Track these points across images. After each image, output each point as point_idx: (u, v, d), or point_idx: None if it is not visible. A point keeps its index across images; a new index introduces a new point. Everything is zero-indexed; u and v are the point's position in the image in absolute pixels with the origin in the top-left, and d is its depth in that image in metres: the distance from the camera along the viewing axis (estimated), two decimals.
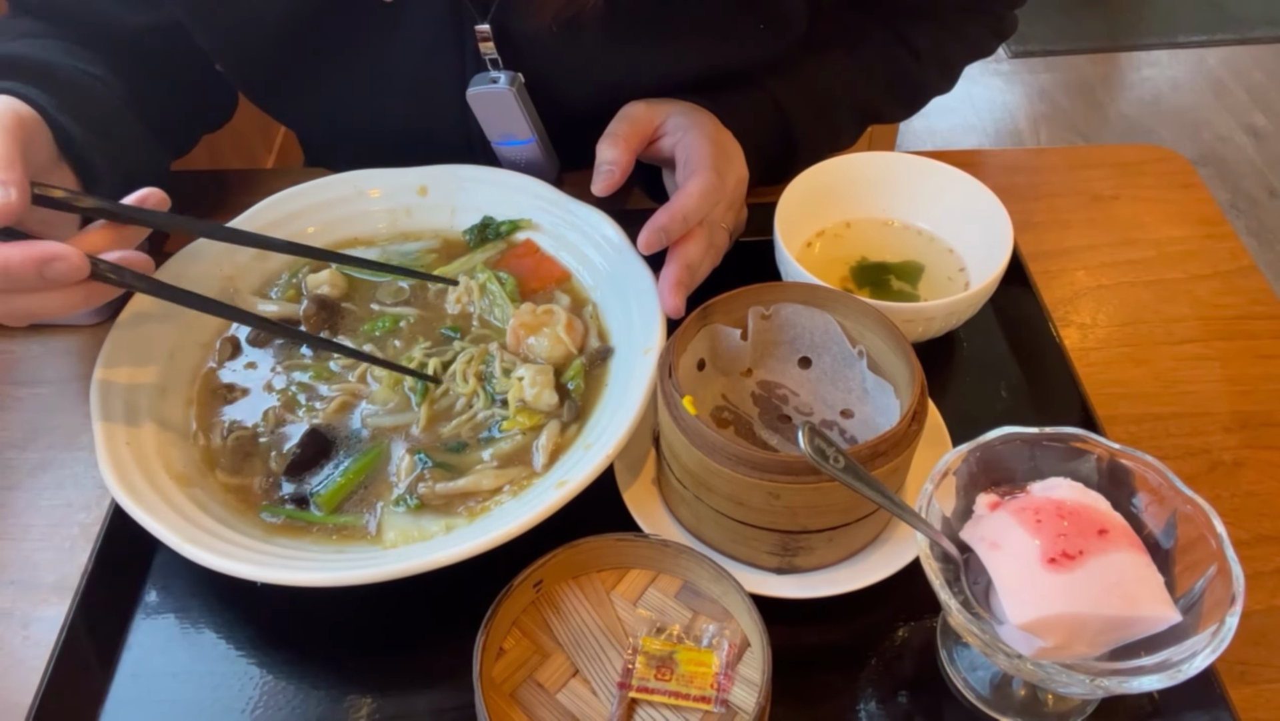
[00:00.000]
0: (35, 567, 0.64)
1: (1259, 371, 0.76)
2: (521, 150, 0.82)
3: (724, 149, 0.73)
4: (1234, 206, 2.36)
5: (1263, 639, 0.61)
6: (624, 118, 0.74)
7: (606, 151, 0.72)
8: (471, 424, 0.67)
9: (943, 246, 0.79)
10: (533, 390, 0.67)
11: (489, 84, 0.77)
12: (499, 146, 0.83)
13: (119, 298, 0.77)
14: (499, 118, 0.79)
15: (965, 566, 0.54)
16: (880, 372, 0.64)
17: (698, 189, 0.69)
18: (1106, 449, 0.56)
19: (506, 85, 0.76)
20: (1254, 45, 2.83)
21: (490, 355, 0.71)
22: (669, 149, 0.74)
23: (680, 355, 0.61)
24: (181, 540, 0.57)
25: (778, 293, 0.66)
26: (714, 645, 0.56)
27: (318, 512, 0.63)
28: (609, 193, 0.71)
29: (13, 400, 0.74)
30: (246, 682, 0.58)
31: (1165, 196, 0.91)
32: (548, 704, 0.54)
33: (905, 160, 0.80)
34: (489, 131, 0.81)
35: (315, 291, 0.75)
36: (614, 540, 0.58)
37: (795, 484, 0.55)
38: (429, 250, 0.80)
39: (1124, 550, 0.51)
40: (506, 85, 0.76)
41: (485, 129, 0.81)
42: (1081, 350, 0.77)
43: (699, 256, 0.70)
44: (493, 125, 0.80)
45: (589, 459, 0.61)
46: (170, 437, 0.66)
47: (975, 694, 0.57)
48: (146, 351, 0.69)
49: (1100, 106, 2.65)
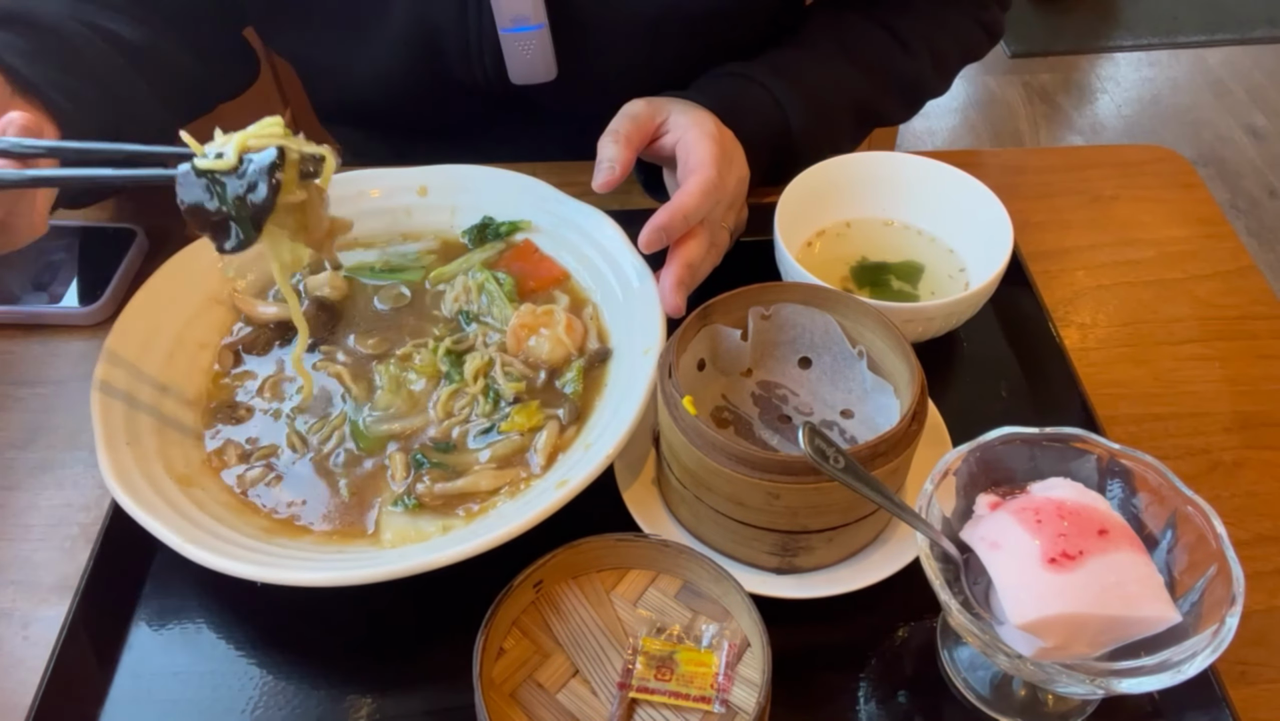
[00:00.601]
0: (35, 567, 0.64)
1: (1259, 371, 0.76)
2: (530, 38, 0.81)
3: (725, 148, 0.73)
4: (1234, 206, 2.36)
5: (1263, 639, 0.61)
6: (625, 115, 0.74)
7: (608, 148, 0.72)
8: (469, 423, 0.68)
9: (943, 246, 0.79)
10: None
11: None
12: (507, 34, 0.81)
13: (118, 298, 0.77)
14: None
15: (965, 566, 0.54)
16: (880, 372, 0.64)
17: (698, 188, 0.69)
18: (1106, 449, 0.56)
19: None
20: (1254, 45, 2.83)
21: (492, 358, 0.71)
22: (670, 147, 0.74)
23: (680, 355, 0.61)
24: (182, 540, 0.57)
25: (778, 293, 0.66)
26: (714, 645, 0.56)
27: None
28: (609, 189, 0.71)
29: (13, 400, 0.74)
30: (246, 682, 0.58)
31: (1165, 196, 0.91)
32: (548, 704, 0.54)
33: (905, 160, 0.80)
34: (500, 15, 0.80)
35: (315, 293, 0.75)
36: (614, 540, 0.58)
37: (795, 484, 0.55)
38: (428, 251, 0.80)
39: (1124, 550, 0.51)
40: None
41: (497, 13, 0.80)
42: (1081, 350, 0.77)
43: (700, 255, 0.70)
44: (505, 6, 0.79)
45: (589, 459, 0.61)
46: (171, 437, 0.66)
47: (975, 694, 0.57)
48: (146, 351, 0.69)
49: (1100, 106, 2.65)
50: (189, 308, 0.73)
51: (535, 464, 0.65)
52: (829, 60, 0.84)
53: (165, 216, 0.86)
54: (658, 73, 0.82)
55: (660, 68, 0.83)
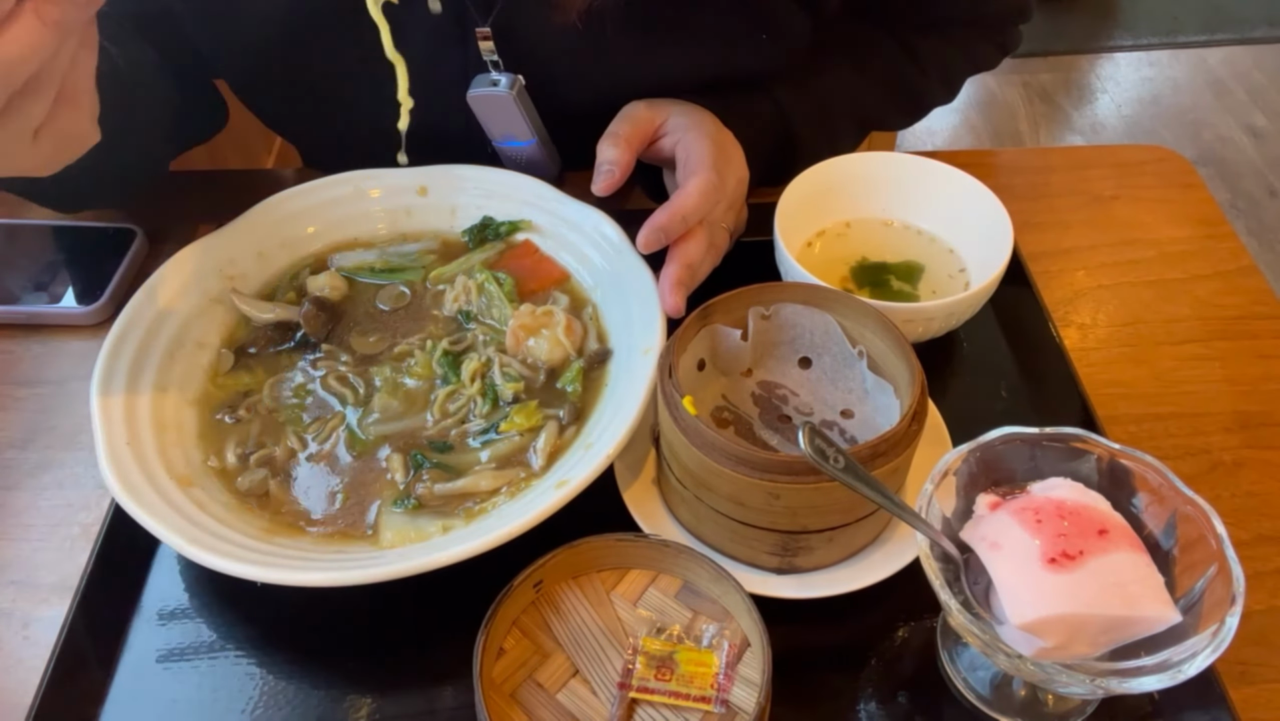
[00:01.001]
0: (35, 567, 0.64)
1: (1259, 371, 0.76)
2: (523, 150, 0.83)
3: (724, 149, 0.73)
4: (1234, 206, 2.36)
5: (1263, 639, 0.61)
6: (625, 117, 0.74)
7: (607, 151, 0.72)
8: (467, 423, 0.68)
9: (943, 246, 0.79)
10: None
11: (489, 86, 0.77)
12: (500, 146, 0.83)
13: (118, 298, 0.77)
14: (500, 119, 0.79)
15: (965, 566, 0.54)
16: (880, 372, 0.64)
17: (697, 189, 0.69)
18: (1106, 449, 0.56)
19: (506, 88, 0.76)
20: (1254, 45, 2.83)
21: (491, 359, 0.71)
22: (669, 149, 0.74)
23: (680, 355, 0.61)
24: (182, 540, 0.57)
25: (778, 292, 0.66)
26: (714, 645, 0.56)
27: None
28: (609, 192, 0.71)
29: (13, 400, 0.74)
30: (246, 682, 0.58)
31: (1165, 196, 0.91)
32: (548, 704, 0.54)
33: (905, 160, 0.80)
34: (490, 132, 0.81)
35: (315, 293, 0.75)
36: (614, 540, 0.58)
37: (795, 484, 0.55)
38: (428, 251, 0.80)
39: (1124, 550, 0.51)
40: (506, 88, 0.76)
41: (486, 129, 0.81)
42: (1081, 350, 0.77)
43: (699, 256, 0.70)
44: (494, 126, 0.80)
45: (589, 459, 0.61)
46: (171, 438, 0.66)
47: (975, 694, 0.57)
48: (146, 351, 0.69)
49: (1100, 106, 2.65)
50: (189, 308, 0.73)
51: (535, 463, 0.65)
52: (836, 67, 0.84)
53: (165, 216, 0.86)
54: None
55: None
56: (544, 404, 0.68)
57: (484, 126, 0.80)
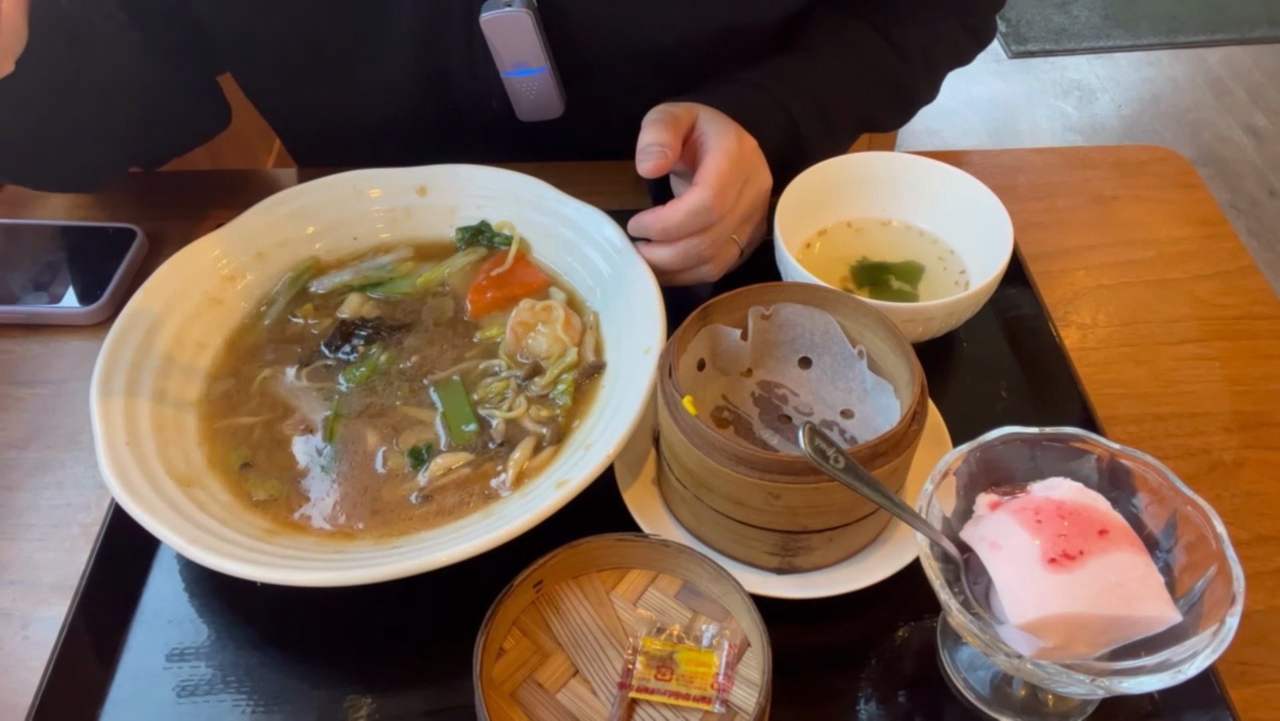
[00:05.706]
0: (35, 567, 0.64)
1: (1259, 371, 0.76)
2: (533, 81, 0.81)
3: (740, 164, 0.72)
4: (1234, 206, 2.36)
5: (1263, 639, 0.61)
6: (662, 109, 0.74)
7: (656, 133, 0.71)
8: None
9: (943, 246, 0.79)
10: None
11: (503, 7, 0.76)
12: (510, 77, 0.81)
13: (118, 298, 0.77)
14: (512, 44, 0.78)
15: (965, 566, 0.54)
16: (880, 372, 0.64)
17: (686, 206, 0.69)
18: (1106, 449, 0.56)
19: (521, 6, 0.76)
20: (1254, 45, 2.83)
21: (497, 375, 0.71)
22: (694, 149, 0.74)
23: (680, 355, 0.61)
24: (182, 540, 0.57)
25: (778, 293, 0.66)
26: (714, 645, 0.56)
27: None
28: (658, 174, 0.70)
29: (13, 400, 0.74)
30: (246, 682, 0.58)
31: (1165, 196, 0.91)
32: (548, 704, 0.54)
33: (905, 160, 0.80)
34: (501, 61, 0.80)
35: (342, 315, 0.75)
36: (614, 540, 0.58)
37: (795, 484, 0.55)
38: (402, 260, 0.79)
39: (1124, 550, 0.51)
40: (521, 6, 0.76)
41: (497, 58, 0.79)
42: (1081, 350, 0.77)
43: (668, 264, 0.71)
44: (505, 53, 0.79)
45: (589, 459, 0.61)
46: (171, 438, 0.66)
47: (975, 694, 0.57)
48: (146, 351, 0.69)
49: (1100, 106, 2.65)
50: (189, 307, 0.73)
51: (505, 483, 0.64)
52: (834, 70, 0.84)
53: (165, 216, 0.86)
54: (669, 98, 0.81)
55: (670, 95, 0.81)
56: (534, 414, 0.68)
57: (495, 55, 0.79)
